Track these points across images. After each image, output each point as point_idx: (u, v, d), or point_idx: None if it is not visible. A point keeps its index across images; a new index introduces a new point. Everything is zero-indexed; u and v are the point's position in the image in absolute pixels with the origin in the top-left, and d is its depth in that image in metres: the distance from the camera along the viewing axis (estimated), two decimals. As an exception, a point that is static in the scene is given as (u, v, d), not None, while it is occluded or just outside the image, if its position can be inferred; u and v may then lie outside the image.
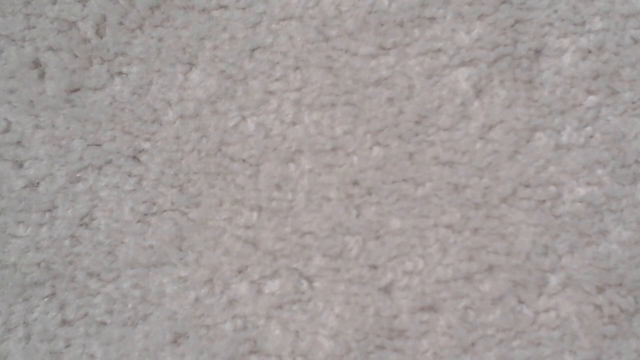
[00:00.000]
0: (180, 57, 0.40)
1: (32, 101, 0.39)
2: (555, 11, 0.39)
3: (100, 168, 0.38)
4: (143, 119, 0.39)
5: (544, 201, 0.37)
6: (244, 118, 0.39)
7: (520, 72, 0.38)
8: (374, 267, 0.38)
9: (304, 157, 0.38)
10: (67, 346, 0.36)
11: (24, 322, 0.36)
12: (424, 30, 0.39)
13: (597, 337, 0.36)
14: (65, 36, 0.40)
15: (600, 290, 0.37)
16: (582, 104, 0.38)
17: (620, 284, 0.37)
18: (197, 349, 0.36)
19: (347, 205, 0.38)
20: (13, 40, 0.40)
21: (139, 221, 0.38)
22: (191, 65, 0.40)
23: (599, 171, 0.37)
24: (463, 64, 0.39)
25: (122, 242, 0.37)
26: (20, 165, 0.38)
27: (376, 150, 0.38)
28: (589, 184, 0.37)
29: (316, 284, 0.38)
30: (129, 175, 0.38)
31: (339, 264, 0.38)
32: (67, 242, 0.37)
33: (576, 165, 0.37)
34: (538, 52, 0.38)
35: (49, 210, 0.38)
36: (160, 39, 0.40)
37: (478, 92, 0.38)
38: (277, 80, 0.39)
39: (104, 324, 0.36)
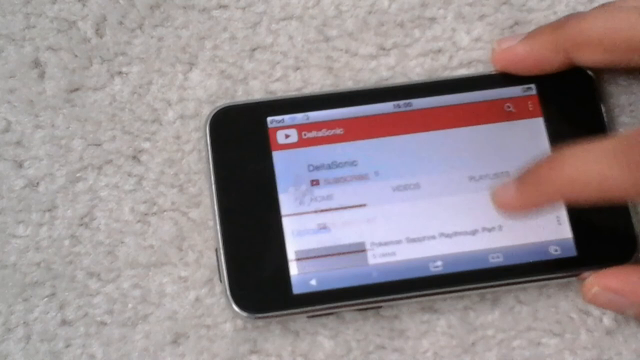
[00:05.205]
0: (180, 57, 0.40)
1: (32, 101, 0.39)
2: (555, 12, 0.40)
3: (100, 168, 0.38)
4: (143, 119, 0.39)
5: (543, 201, 0.37)
6: (244, 118, 0.39)
7: (520, 73, 0.38)
8: (374, 267, 0.38)
9: (304, 157, 0.38)
10: (67, 346, 0.36)
11: (24, 322, 0.36)
12: (425, 30, 0.39)
13: (597, 336, 0.36)
14: (65, 36, 0.40)
15: (600, 290, 0.37)
16: (582, 105, 0.38)
17: (620, 284, 0.37)
18: (197, 349, 0.36)
19: (347, 205, 0.38)
20: (13, 40, 0.40)
21: (139, 221, 0.38)
22: (191, 65, 0.40)
23: (599, 171, 0.37)
24: (463, 64, 0.39)
25: (122, 242, 0.37)
26: (20, 165, 0.38)
27: (376, 150, 0.38)
28: (588, 184, 0.37)
29: (316, 284, 0.38)
30: (129, 175, 0.38)
31: (339, 264, 0.38)
32: (67, 242, 0.37)
33: (576, 165, 0.37)
34: (538, 52, 0.38)
35: (49, 210, 0.37)
36: (160, 39, 0.40)
37: (478, 93, 0.38)
38: (277, 80, 0.39)
39: (104, 324, 0.36)
